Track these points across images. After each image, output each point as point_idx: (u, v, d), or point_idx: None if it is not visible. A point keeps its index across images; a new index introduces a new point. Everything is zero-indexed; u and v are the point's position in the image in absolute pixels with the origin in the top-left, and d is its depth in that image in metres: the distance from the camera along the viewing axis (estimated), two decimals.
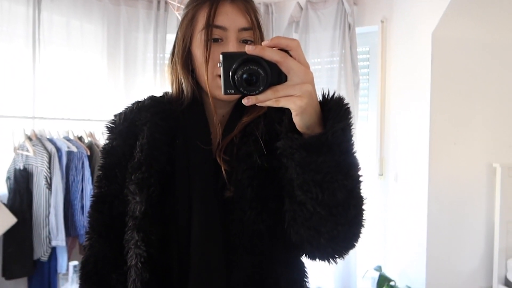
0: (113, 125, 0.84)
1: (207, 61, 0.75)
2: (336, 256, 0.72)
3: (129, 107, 0.86)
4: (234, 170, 0.74)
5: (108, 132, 0.85)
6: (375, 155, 3.16)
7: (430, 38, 2.51)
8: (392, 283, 2.72)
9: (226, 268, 0.73)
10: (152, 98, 0.86)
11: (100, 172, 0.84)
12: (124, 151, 0.82)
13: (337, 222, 0.65)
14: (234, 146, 0.76)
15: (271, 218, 0.72)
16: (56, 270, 2.56)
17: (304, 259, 0.81)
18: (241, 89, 0.58)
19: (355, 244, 0.72)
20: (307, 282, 0.83)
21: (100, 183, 0.85)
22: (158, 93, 0.89)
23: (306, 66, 0.59)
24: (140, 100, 0.87)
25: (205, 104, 0.83)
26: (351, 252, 2.62)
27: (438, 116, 2.59)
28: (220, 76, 0.61)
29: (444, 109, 2.59)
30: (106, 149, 0.84)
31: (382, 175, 3.12)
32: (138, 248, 0.74)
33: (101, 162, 0.85)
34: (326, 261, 0.73)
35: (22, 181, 2.51)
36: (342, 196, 0.63)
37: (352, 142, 0.65)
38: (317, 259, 0.73)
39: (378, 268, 2.77)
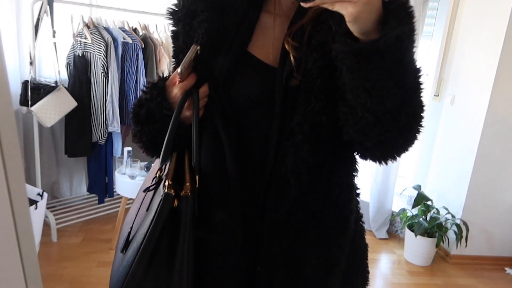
0: (174, 11, 0.81)
1: None
2: (385, 159, 0.71)
3: None
4: (303, 58, 0.70)
5: (169, 17, 0.82)
6: (434, 75, 2.98)
7: None
8: (429, 203, 2.75)
9: (279, 150, 0.72)
10: None
11: (172, 54, 0.84)
12: (184, 39, 0.79)
13: (384, 129, 0.64)
14: (304, 33, 0.72)
15: (334, 111, 0.70)
16: (112, 154, 2.76)
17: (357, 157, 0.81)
18: None
19: (405, 150, 0.70)
20: (356, 176, 0.83)
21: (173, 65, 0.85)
22: None
23: None
24: None
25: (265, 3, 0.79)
26: (392, 169, 2.64)
27: None
28: None
29: None
30: (172, 34, 0.83)
31: (438, 96, 2.98)
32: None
33: (172, 46, 0.85)
34: (376, 162, 0.73)
35: (81, 68, 2.61)
36: (391, 104, 0.61)
37: (411, 49, 0.60)
38: (368, 159, 0.74)
39: (417, 187, 2.78)
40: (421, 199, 2.68)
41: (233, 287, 0.75)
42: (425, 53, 3.05)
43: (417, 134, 0.68)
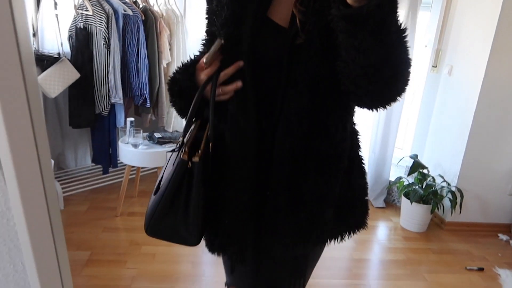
0: None
1: None
2: (374, 107, 0.84)
3: None
4: (308, 20, 0.83)
5: None
6: (432, 46, 3.01)
7: None
8: (425, 171, 2.81)
9: (285, 97, 0.86)
10: None
11: (206, 15, 0.94)
12: (217, 3, 0.89)
13: (371, 80, 0.76)
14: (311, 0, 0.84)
15: (332, 65, 0.81)
16: (115, 125, 2.83)
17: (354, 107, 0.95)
18: None
19: (392, 100, 0.81)
20: (354, 123, 1.00)
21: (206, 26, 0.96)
22: None
23: None
24: None
25: None
26: (390, 140, 2.73)
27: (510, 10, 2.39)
28: None
29: None
30: None
31: (436, 67, 3.01)
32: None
33: (206, 6, 0.94)
34: (368, 109, 0.86)
35: (83, 40, 2.65)
36: (375, 59, 0.73)
37: (392, 14, 0.70)
38: (362, 107, 0.87)
39: (414, 156, 2.84)
40: (417, 167, 2.75)
41: (246, 208, 0.92)
42: (424, 25, 3.06)
43: (404, 86, 0.80)
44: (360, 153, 1.03)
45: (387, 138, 3.08)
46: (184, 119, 0.95)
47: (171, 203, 0.87)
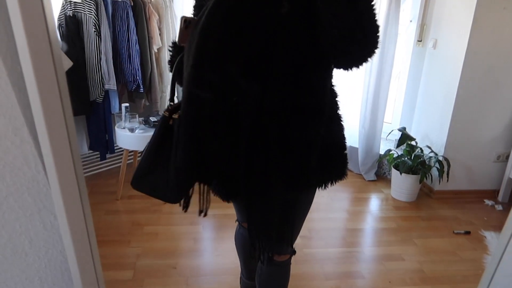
0: None
1: None
2: (350, 66, 0.97)
3: None
4: None
5: None
6: (417, 21, 3.08)
7: None
8: (413, 143, 2.92)
9: (273, 58, 0.95)
10: None
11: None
12: None
13: (345, 42, 0.89)
14: None
15: (314, 30, 0.93)
16: (110, 111, 2.88)
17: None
18: None
19: (364, 61, 0.94)
20: (333, 85, 1.13)
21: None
22: None
23: None
24: None
25: None
26: (379, 115, 2.84)
27: None
28: None
29: None
30: None
31: (421, 41, 3.09)
32: None
33: None
34: (344, 69, 0.98)
35: (73, 28, 2.67)
36: (348, 23, 0.86)
37: None
38: (339, 67, 0.99)
39: (402, 129, 2.94)
40: (405, 138, 2.85)
41: (238, 159, 1.01)
42: (409, 0, 3.12)
43: (373, 49, 0.93)
44: (338, 112, 1.15)
45: (376, 113, 3.17)
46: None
47: (153, 159, 1.00)
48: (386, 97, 3.14)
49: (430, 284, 2.03)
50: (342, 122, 1.17)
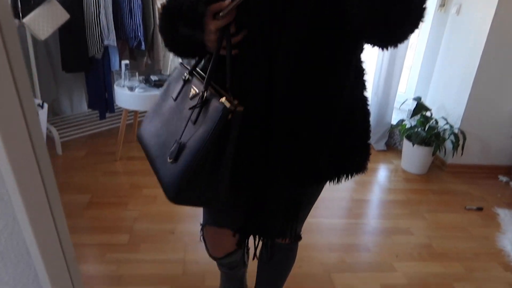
0: None
1: None
2: (383, 46, 0.79)
3: None
4: None
5: None
6: None
7: None
8: (428, 114, 2.76)
9: (283, 34, 0.80)
10: None
11: None
12: None
13: (378, 20, 0.71)
14: None
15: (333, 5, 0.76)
16: (109, 68, 2.73)
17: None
18: None
19: (399, 41, 0.76)
20: (362, 62, 0.94)
21: None
22: None
23: None
24: None
25: None
26: (394, 82, 2.67)
27: None
28: None
29: None
30: None
31: (443, 6, 2.86)
32: None
33: None
34: (378, 47, 0.80)
35: None
36: (380, 4, 0.68)
37: None
38: (371, 44, 0.81)
39: (417, 98, 2.78)
40: (420, 108, 2.70)
41: (256, 143, 0.88)
42: None
43: (413, 28, 0.75)
44: (365, 94, 0.95)
45: (390, 81, 2.99)
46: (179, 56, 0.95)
47: (203, 163, 0.77)
48: (402, 65, 2.95)
49: (439, 260, 1.94)
50: (368, 109, 0.97)
